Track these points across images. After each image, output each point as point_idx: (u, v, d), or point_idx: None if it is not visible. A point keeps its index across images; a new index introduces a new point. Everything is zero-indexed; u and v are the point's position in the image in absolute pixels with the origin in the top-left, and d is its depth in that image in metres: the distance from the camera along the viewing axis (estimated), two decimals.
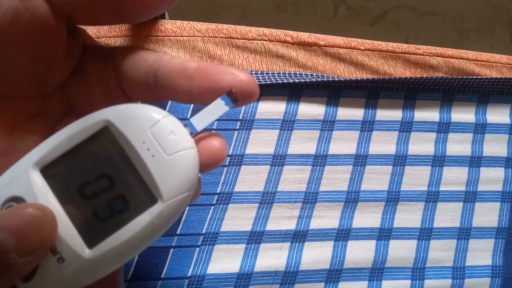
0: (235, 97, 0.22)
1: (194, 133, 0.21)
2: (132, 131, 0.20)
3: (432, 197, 0.41)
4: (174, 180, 0.20)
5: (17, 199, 0.19)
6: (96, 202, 0.20)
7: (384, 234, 0.39)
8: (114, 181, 0.20)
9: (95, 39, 0.38)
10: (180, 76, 0.23)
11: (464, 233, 0.41)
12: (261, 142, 0.39)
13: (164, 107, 0.38)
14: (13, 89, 0.22)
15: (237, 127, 0.39)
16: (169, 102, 0.38)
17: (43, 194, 0.19)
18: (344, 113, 0.41)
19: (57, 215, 0.19)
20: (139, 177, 0.20)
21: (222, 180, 0.37)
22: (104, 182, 0.20)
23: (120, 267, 0.23)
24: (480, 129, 0.43)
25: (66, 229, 0.19)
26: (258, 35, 0.41)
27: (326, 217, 0.38)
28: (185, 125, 0.21)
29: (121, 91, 0.24)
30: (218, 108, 0.22)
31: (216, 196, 0.37)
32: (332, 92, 0.41)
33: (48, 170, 0.20)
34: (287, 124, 0.39)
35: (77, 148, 0.20)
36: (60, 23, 0.21)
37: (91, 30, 0.38)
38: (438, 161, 0.42)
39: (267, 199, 0.38)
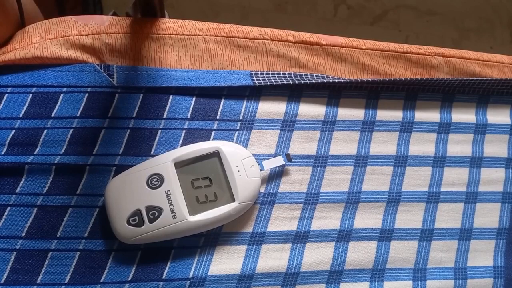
0: (290, 158, 0.38)
1: (262, 170, 0.37)
2: (232, 158, 0.36)
3: (433, 198, 0.41)
4: (247, 192, 0.35)
5: (159, 175, 0.34)
6: (199, 191, 0.35)
7: (385, 235, 0.39)
8: (213, 183, 0.36)
9: (95, 35, 0.38)
10: None
11: (465, 234, 0.41)
12: (262, 142, 0.39)
13: (164, 108, 0.38)
14: None
15: (238, 128, 0.39)
16: (168, 103, 0.38)
17: (172, 177, 0.35)
18: (345, 113, 0.40)
19: (176, 191, 0.34)
20: (228, 184, 0.36)
21: None
22: (206, 181, 0.35)
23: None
24: (480, 129, 0.43)
25: (181, 201, 0.34)
26: (260, 34, 0.41)
27: (327, 218, 0.38)
28: (258, 164, 0.37)
29: None
30: (278, 161, 0.37)
31: None
32: (332, 92, 0.41)
33: (178, 165, 0.35)
34: (288, 125, 0.39)
35: (198, 158, 0.36)
36: None
37: (92, 26, 0.38)
38: (439, 161, 0.41)
39: (268, 200, 0.38)
